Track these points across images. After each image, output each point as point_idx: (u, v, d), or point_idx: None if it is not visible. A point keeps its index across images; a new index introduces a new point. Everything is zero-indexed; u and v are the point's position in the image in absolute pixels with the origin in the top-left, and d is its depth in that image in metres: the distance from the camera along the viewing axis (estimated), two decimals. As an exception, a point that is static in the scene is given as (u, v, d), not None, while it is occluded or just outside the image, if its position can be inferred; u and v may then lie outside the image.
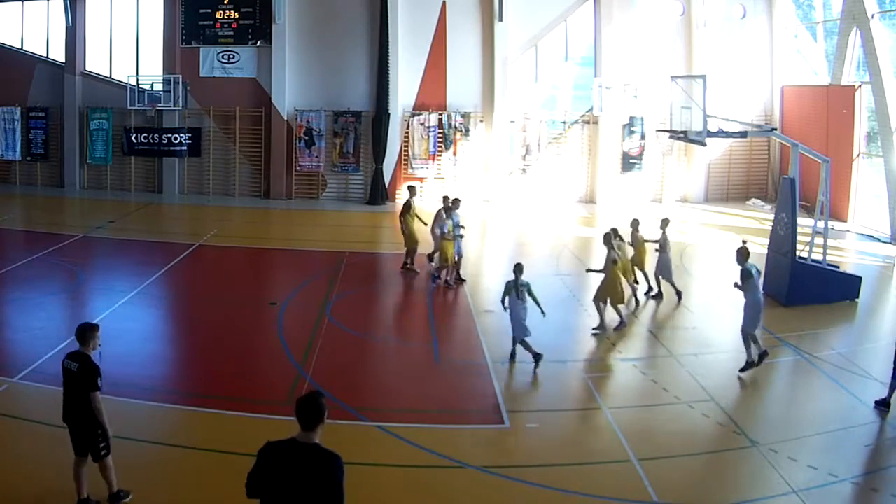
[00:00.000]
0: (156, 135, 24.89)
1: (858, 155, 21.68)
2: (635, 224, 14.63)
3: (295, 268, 17.23)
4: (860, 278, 14.41)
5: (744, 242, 11.63)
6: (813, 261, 14.29)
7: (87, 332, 7.02)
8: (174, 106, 24.39)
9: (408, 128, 24.62)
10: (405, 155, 24.71)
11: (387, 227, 21.95)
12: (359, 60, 24.61)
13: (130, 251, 18.01)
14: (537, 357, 10.70)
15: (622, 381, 10.69)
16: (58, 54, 25.76)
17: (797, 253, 14.09)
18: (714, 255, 18.63)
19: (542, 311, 11.07)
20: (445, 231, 14.94)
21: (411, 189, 17.17)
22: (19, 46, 26.19)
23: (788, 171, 14.86)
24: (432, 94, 24.67)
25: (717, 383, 10.40)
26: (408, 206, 16.32)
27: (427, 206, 24.08)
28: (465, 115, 24.56)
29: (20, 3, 26.02)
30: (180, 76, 24.48)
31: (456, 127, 24.52)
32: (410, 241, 16.14)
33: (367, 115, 24.54)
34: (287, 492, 4.62)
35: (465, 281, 15.35)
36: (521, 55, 24.81)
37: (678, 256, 18.01)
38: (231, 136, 25.08)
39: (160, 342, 12.33)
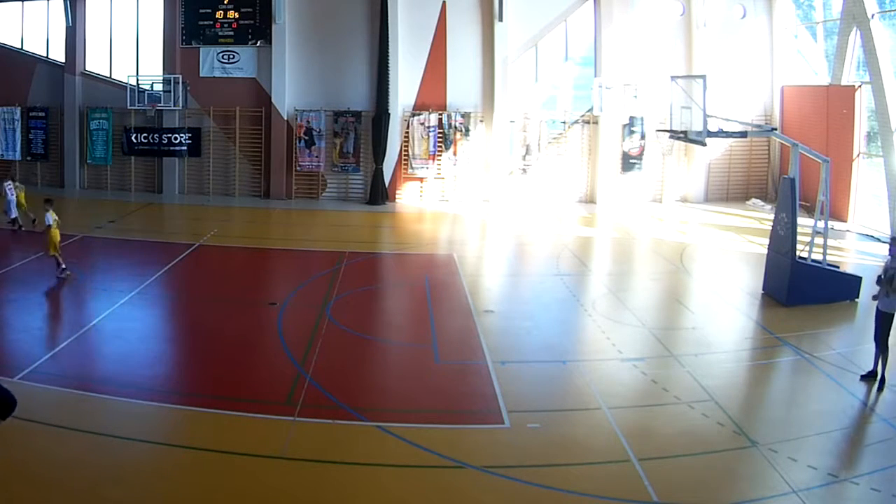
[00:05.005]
0: (156, 135, 24.89)
1: (858, 155, 21.67)
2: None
3: (295, 268, 17.24)
4: (860, 278, 14.39)
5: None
6: (813, 261, 14.28)
7: None
8: (174, 106, 24.39)
9: (408, 128, 24.62)
10: (405, 155, 24.70)
11: (387, 227, 21.97)
12: (359, 60, 24.61)
13: (130, 251, 18.02)
14: None
15: (622, 381, 10.68)
16: (58, 54, 25.76)
17: (797, 253, 14.09)
18: (714, 255, 18.64)
19: None
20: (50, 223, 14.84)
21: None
22: (19, 46, 26.18)
23: (788, 171, 14.85)
24: (432, 94, 24.67)
25: (717, 383, 10.39)
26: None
27: (428, 206, 24.34)
28: (465, 115, 24.55)
29: (20, 3, 26.02)
30: (180, 76, 24.48)
31: (456, 127, 24.52)
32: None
33: (367, 115, 24.54)
34: None
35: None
36: (521, 55, 24.80)
37: (678, 256, 18.09)
38: (231, 136, 25.08)
39: (160, 342, 12.31)
